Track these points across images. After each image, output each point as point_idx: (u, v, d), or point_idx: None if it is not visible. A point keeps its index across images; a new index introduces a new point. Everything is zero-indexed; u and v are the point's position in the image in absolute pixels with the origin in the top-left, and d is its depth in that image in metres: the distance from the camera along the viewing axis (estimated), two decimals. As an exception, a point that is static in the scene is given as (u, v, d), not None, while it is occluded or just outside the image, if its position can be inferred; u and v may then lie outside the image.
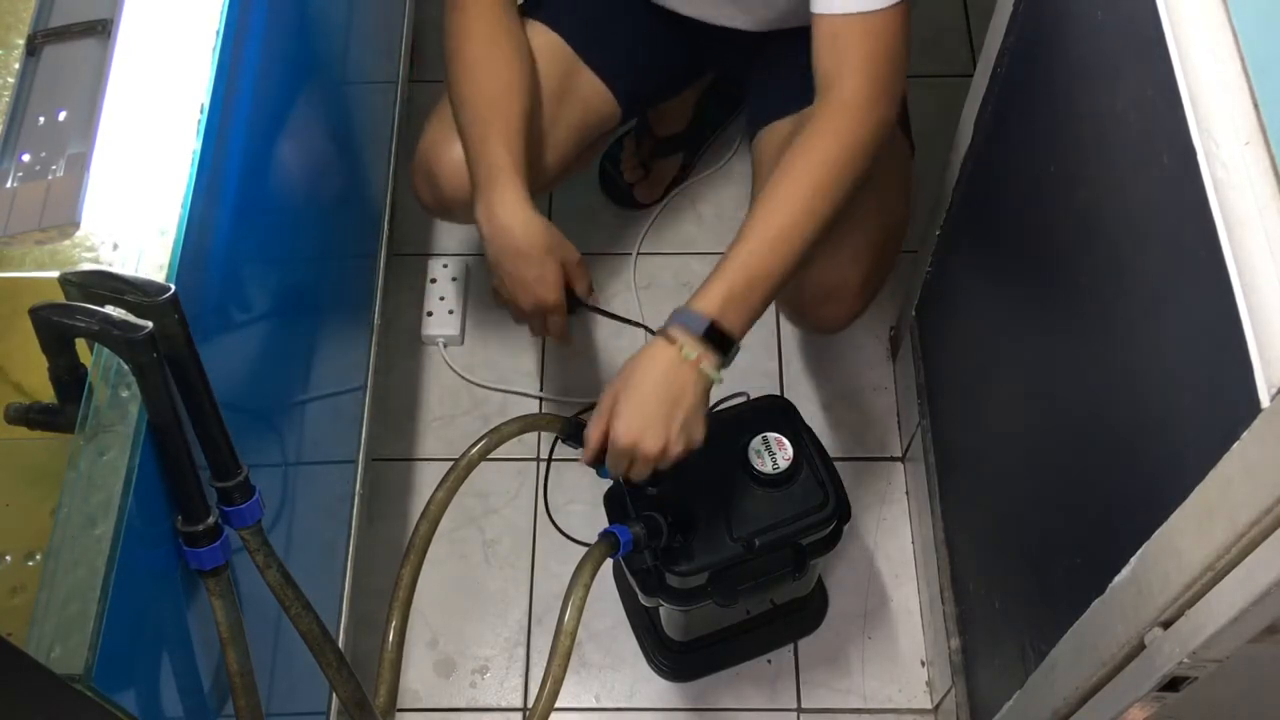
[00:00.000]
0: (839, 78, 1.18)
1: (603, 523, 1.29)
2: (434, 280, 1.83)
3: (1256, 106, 0.71)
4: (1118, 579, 0.87)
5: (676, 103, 1.83)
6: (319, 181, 1.42)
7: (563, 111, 1.45)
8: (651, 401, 1.13)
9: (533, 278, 1.25)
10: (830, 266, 1.35)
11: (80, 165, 0.95)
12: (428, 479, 1.71)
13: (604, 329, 1.81)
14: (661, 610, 1.48)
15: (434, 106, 1.46)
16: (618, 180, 1.89)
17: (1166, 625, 0.81)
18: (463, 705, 1.58)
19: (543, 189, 1.51)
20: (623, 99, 1.50)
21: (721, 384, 1.15)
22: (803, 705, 1.57)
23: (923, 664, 1.58)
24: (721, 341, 1.13)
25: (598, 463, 1.19)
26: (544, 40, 1.45)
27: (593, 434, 1.17)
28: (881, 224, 1.39)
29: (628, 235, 1.89)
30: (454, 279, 1.83)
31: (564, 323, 1.29)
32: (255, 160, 1.12)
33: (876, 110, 1.18)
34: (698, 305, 1.14)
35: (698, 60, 1.60)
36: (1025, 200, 1.16)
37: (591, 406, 1.73)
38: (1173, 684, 0.82)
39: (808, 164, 1.16)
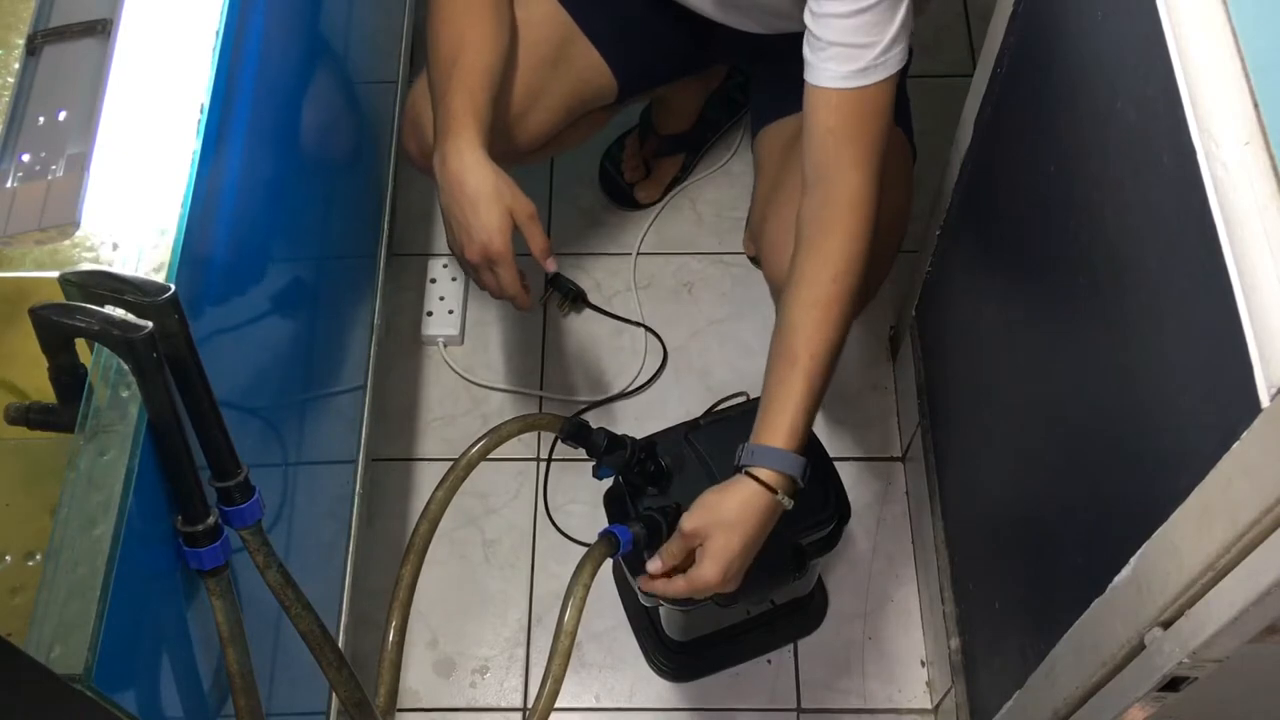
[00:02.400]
0: (839, 171, 1.18)
1: (603, 523, 1.29)
2: (434, 280, 1.83)
3: (1256, 106, 0.71)
4: (1118, 579, 0.87)
5: (682, 102, 1.83)
6: (319, 181, 1.42)
7: (555, 78, 1.44)
8: (748, 551, 1.16)
9: (478, 225, 1.21)
10: None
11: (80, 165, 0.95)
12: (428, 479, 1.71)
13: (604, 329, 1.82)
14: (661, 610, 1.48)
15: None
16: (618, 180, 1.89)
17: (1166, 625, 0.81)
18: (463, 705, 1.58)
19: (530, 157, 1.50)
20: (620, 76, 1.49)
21: None
22: (803, 705, 1.57)
23: (923, 664, 1.58)
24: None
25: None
26: (543, 8, 1.44)
27: (675, 550, 1.18)
28: (882, 227, 1.39)
29: (628, 235, 1.89)
30: (454, 279, 1.83)
31: (514, 277, 1.24)
32: (255, 160, 1.12)
33: (875, 197, 1.19)
34: (782, 442, 1.15)
35: (700, 50, 1.59)
36: (1025, 200, 1.16)
37: (591, 406, 1.75)
38: (1173, 684, 0.82)
39: (835, 273, 1.17)
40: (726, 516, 1.14)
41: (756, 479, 1.14)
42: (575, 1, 1.45)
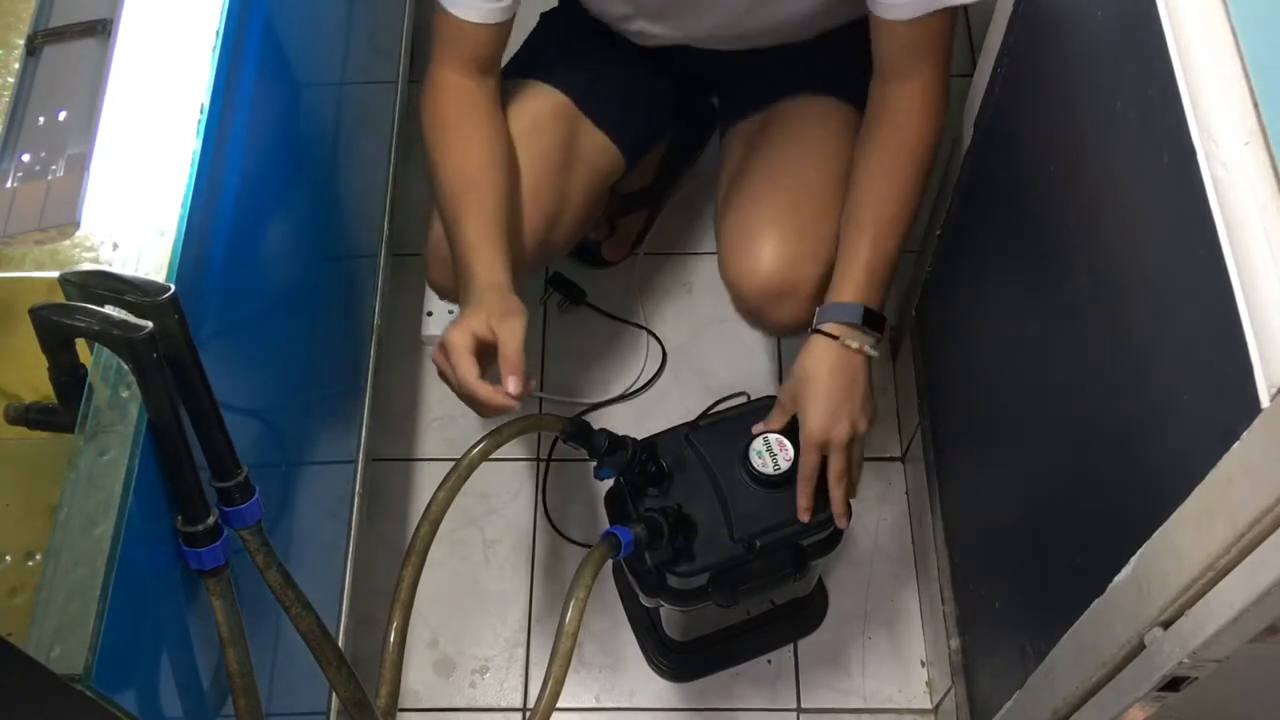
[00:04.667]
0: (916, 69, 1.25)
1: (603, 523, 1.29)
2: (434, 280, 1.83)
3: (1256, 106, 0.71)
4: (1118, 579, 0.87)
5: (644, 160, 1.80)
6: (319, 181, 1.42)
7: (573, 177, 1.43)
8: (832, 395, 1.24)
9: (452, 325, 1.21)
10: (787, 262, 1.34)
11: (80, 165, 0.95)
12: (428, 479, 1.71)
13: (604, 329, 1.81)
14: (662, 610, 1.48)
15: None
16: (584, 240, 1.85)
17: (1166, 625, 0.81)
18: (463, 705, 1.58)
19: (561, 251, 1.51)
20: (626, 150, 1.49)
21: (879, 358, 1.28)
22: (803, 705, 1.57)
23: (923, 664, 1.58)
24: (874, 321, 1.26)
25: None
26: (548, 101, 1.42)
27: (773, 426, 1.28)
28: (836, 225, 1.37)
29: (628, 235, 1.88)
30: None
31: (467, 370, 1.17)
32: (255, 160, 1.12)
33: (947, 99, 1.29)
34: (845, 296, 1.25)
35: (682, 89, 1.58)
36: (1025, 200, 1.16)
37: (592, 407, 1.74)
38: (1173, 684, 0.82)
39: (906, 147, 1.27)
40: (806, 372, 1.25)
41: (822, 333, 1.25)
42: (575, 85, 1.43)
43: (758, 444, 1.28)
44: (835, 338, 1.24)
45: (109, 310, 0.81)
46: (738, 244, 1.38)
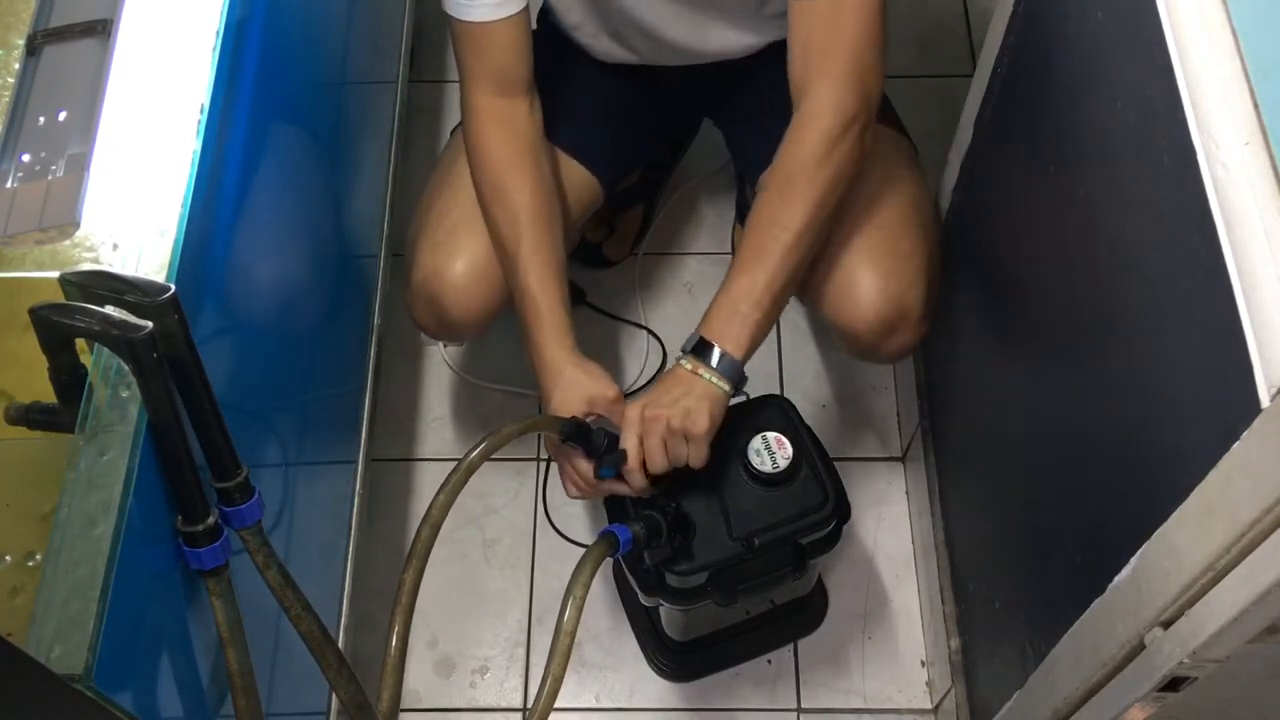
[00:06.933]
0: (819, 77, 1.19)
1: (602, 523, 1.29)
2: (434, 280, 1.82)
3: (1256, 106, 0.71)
4: (1118, 579, 0.87)
5: None
6: (319, 182, 1.42)
7: (562, 213, 1.41)
8: (657, 390, 1.21)
9: (551, 409, 1.27)
10: (894, 295, 1.33)
11: (80, 165, 0.95)
12: (428, 479, 1.71)
13: (604, 329, 1.81)
14: (661, 610, 1.48)
15: (418, 230, 1.42)
16: (584, 242, 1.84)
17: (1166, 625, 0.81)
18: (463, 705, 1.58)
19: None
20: (604, 180, 1.48)
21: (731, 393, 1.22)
22: (803, 705, 1.57)
23: (923, 664, 1.58)
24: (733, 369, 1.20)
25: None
26: None
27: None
28: (924, 242, 1.37)
29: (628, 235, 1.88)
30: (454, 279, 1.82)
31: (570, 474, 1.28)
32: (255, 160, 1.12)
33: (864, 110, 1.20)
34: (726, 346, 1.19)
35: (665, 120, 1.57)
36: (1025, 201, 1.16)
37: (591, 406, 1.74)
38: (1173, 684, 0.82)
39: (804, 181, 1.18)
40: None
41: (685, 366, 1.21)
42: (550, 125, 1.39)
43: (756, 442, 1.28)
44: (694, 371, 1.20)
45: (109, 310, 0.81)
46: (838, 287, 1.34)
